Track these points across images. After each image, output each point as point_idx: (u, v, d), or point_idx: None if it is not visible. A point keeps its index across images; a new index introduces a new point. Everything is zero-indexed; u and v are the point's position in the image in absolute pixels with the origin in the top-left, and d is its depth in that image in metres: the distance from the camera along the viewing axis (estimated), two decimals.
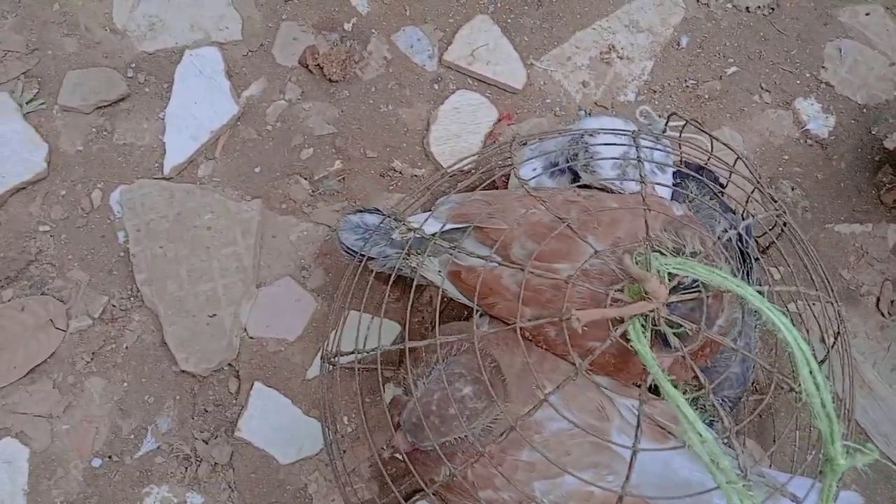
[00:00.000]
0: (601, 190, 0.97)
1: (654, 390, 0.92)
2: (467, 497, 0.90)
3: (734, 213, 1.11)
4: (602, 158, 0.91)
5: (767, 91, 1.33)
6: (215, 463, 1.11)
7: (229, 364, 1.15)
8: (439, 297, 0.92)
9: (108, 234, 1.22)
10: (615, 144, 0.92)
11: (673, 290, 0.74)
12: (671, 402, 0.66)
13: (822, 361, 0.92)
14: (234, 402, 1.14)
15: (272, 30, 1.33)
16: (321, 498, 1.11)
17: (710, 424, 1.01)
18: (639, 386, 0.88)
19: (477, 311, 0.86)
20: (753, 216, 1.00)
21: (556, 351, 0.90)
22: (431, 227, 0.92)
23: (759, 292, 0.73)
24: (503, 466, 0.86)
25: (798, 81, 1.34)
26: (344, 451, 1.12)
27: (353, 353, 0.91)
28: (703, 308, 0.76)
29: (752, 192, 1.01)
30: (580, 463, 0.84)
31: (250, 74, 1.30)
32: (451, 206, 0.93)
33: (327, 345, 0.99)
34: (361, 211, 1.03)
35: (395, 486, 0.91)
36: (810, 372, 0.69)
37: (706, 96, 1.33)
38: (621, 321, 0.72)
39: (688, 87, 1.33)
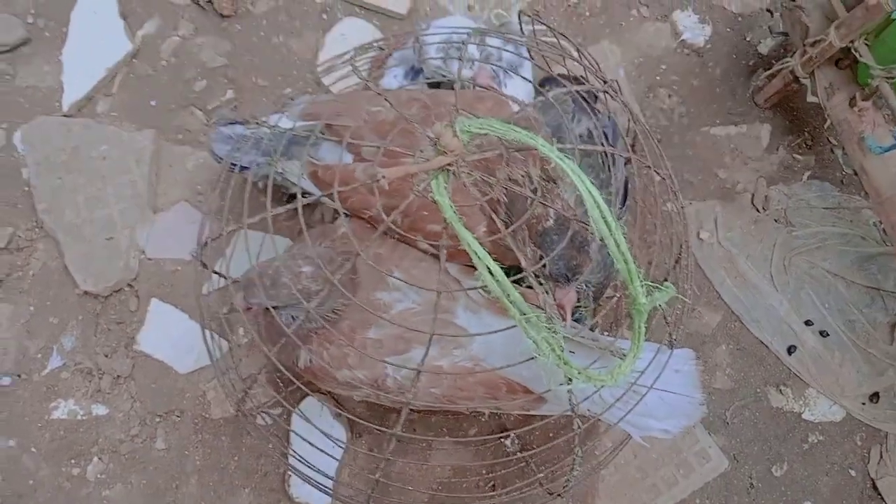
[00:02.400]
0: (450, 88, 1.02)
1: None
2: (330, 380, 0.96)
3: (597, 116, 1.16)
4: (428, 44, 0.96)
5: (646, 6, 1.38)
6: (117, 375, 1.17)
7: (129, 285, 1.21)
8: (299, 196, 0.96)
9: (13, 172, 1.27)
10: (445, 32, 0.96)
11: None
12: (464, 242, 0.71)
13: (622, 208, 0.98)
14: (133, 318, 1.20)
15: None
16: (219, 403, 1.17)
17: (574, 312, 1.07)
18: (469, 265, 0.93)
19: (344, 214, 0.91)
20: (609, 116, 1.06)
21: (406, 239, 0.95)
22: (285, 124, 0.97)
23: (562, 150, 0.78)
24: (355, 343, 0.91)
25: None
26: (240, 360, 1.17)
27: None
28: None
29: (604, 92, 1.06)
30: (425, 338, 0.89)
31: (144, 13, 1.35)
32: (302, 106, 0.98)
33: (208, 258, 1.04)
34: (232, 122, 1.08)
35: (287, 390, 0.97)
36: (601, 214, 0.74)
37: (587, 13, 1.37)
38: None
39: (570, 5, 1.38)
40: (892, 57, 1.01)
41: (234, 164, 1.08)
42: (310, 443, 0.99)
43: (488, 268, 0.70)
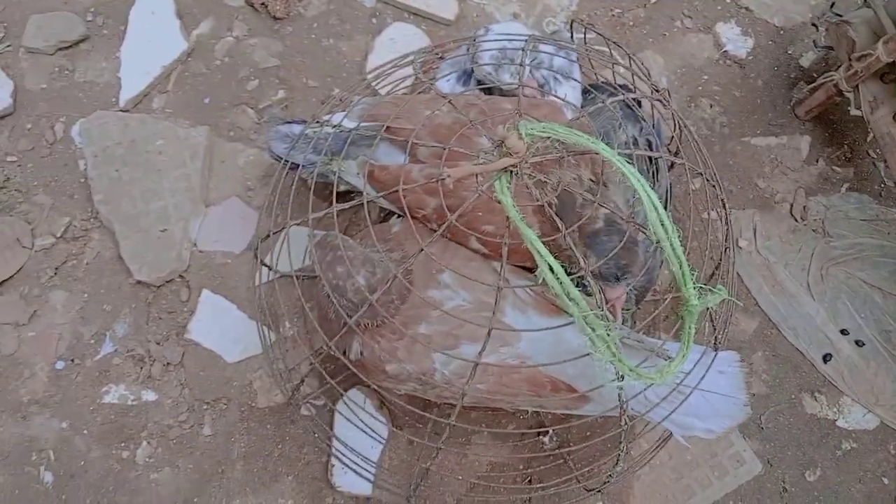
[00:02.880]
0: (503, 94, 1.05)
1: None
2: (379, 374, 0.98)
3: (643, 123, 1.18)
4: (483, 50, 0.99)
5: (689, 17, 1.41)
6: (167, 362, 1.21)
7: (180, 276, 1.25)
8: (366, 202, 0.99)
9: (70, 163, 1.32)
10: (501, 40, 1.00)
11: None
12: (528, 243, 0.74)
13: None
14: (184, 308, 1.24)
15: None
16: (265, 392, 1.20)
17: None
18: (530, 269, 0.96)
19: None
20: (654, 124, 1.08)
21: (458, 238, 0.98)
22: (348, 125, 1.01)
23: (622, 154, 0.81)
24: (404, 340, 0.94)
25: (719, 7, 1.41)
26: (286, 351, 1.21)
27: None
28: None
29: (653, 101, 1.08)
30: (474, 335, 0.92)
31: (200, 14, 1.39)
32: (364, 108, 1.02)
33: (264, 252, 1.07)
34: (289, 122, 1.12)
35: (335, 380, 1.00)
36: (658, 217, 0.77)
37: (631, 23, 1.40)
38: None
39: (614, 15, 1.41)
40: None
41: (290, 162, 1.12)
42: (358, 427, 1.03)
43: (550, 266, 0.73)
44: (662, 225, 0.77)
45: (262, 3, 1.38)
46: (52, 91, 1.36)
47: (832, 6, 1.18)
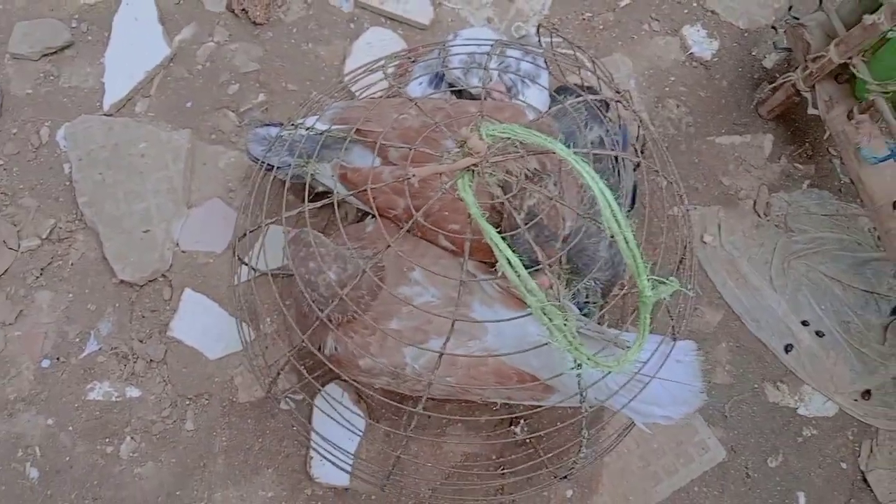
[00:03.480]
0: (471, 98, 1.09)
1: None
2: (354, 368, 1.02)
3: (608, 124, 1.23)
4: (453, 55, 1.03)
5: (657, 20, 1.45)
6: (150, 360, 1.24)
7: (163, 275, 1.29)
8: (335, 201, 1.03)
9: (56, 167, 1.35)
10: (470, 45, 1.04)
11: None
12: (487, 238, 0.78)
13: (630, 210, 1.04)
14: (167, 307, 1.27)
15: None
16: (246, 388, 1.24)
17: (583, 307, 1.13)
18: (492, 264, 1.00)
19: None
20: (620, 125, 1.13)
21: (428, 236, 1.02)
22: (319, 127, 1.04)
23: (577, 153, 0.85)
24: (376, 335, 0.98)
25: (685, 11, 1.46)
26: (266, 348, 1.25)
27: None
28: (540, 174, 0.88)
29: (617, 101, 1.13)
30: (442, 329, 0.96)
31: (182, 20, 1.43)
32: (335, 111, 1.06)
33: (243, 251, 1.11)
34: (267, 124, 1.16)
35: (312, 376, 1.04)
36: (612, 213, 0.81)
37: (600, 27, 1.45)
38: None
39: (584, 19, 1.45)
40: (888, 73, 1.08)
41: (266, 163, 1.16)
42: (335, 420, 1.07)
43: (508, 259, 0.77)
44: (616, 220, 0.81)
45: (243, 9, 1.42)
46: (38, 96, 1.39)
47: (790, 9, 1.22)
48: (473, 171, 0.83)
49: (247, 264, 1.16)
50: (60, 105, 1.38)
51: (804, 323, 1.29)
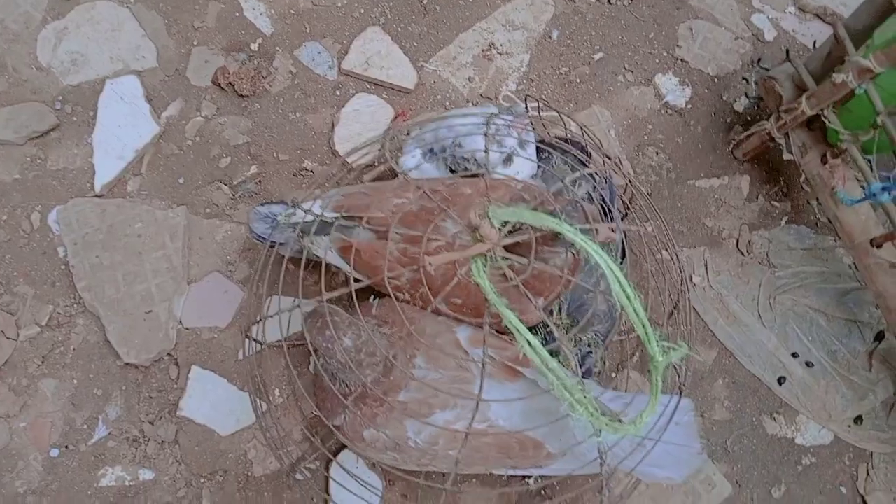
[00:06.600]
0: (465, 177, 1.13)
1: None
2: (358, 440, 1.04)
3: (594, 178, 1.28)
4: (467, 135, 1.07)
5: (630, 71, 1.52)
6: (162, 441, 1.24)
7: (168, 354, 1.29)
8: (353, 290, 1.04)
9: (49, 251, 1.35)
10: (472, 124, 1.08)
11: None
12: (505, 319, 0.81)
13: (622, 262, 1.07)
14: (175, 386, 1.27)
15: (185, 55, 1.47)
16: (260, 461, 1.25)
17: (586, 357, 1.17)
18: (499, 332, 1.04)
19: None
20: (607, 179, 1.18)
21: (428, 305, 1.05)
22: (319, 212, 1.07)
23: (581, 230, 0.90)
24: (383, 407, 1.00)
25: (657, 60, 1.53)
26: (278, 418, 1.26)
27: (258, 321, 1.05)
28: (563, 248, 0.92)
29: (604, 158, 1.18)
30: (446, 404, 0.99)
31: (168, 96, 1.44)
32: (337, 199, 1.09)
33: (251, 327, 1.13)
34: (269, 203, 1.18)
35: (323, 446, 1.05)
36: (621, 287, 0.85)
37: (577, 80, 1.50)
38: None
39: (561, 73, 1.51)
40: (858, 123, 1.14)
41: (265, 238, 1.18)
42: (351, 490, 1.08)
43: (528, 341, 0.81)
44: (625, 294, 0.85)
45: (229, 83, 1.44)
46: (26, 181, 1.38)
47: (759, 62, 1.30)
48: (486, 256, 0.86)
49: (258, 341, 1.17)
50: (50, 188, 1.38)
51: (794, 355, 1.35)
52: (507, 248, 0.91)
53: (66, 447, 1.24)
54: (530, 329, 0.91)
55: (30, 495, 1.21)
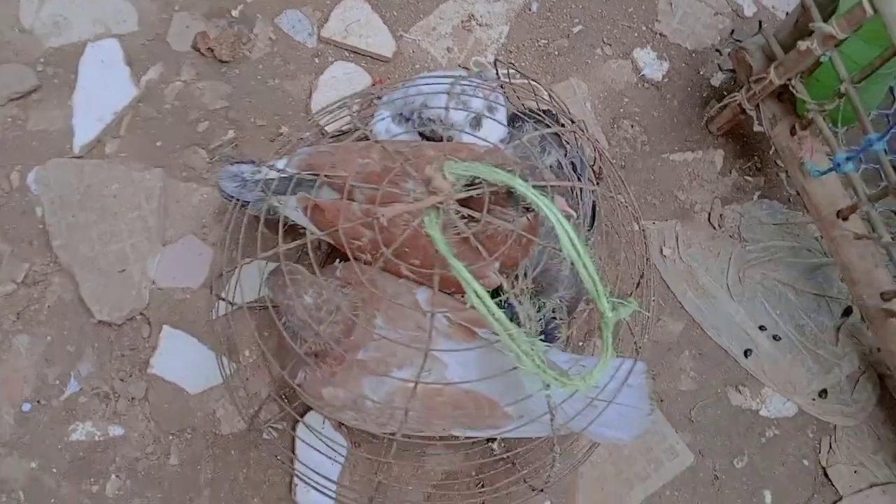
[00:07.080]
0: (428, 139, 1.14)
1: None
2: (317, 399, 1.05)
3: (566, 147, 1.28)
4: (433, 93, 1.08)
5: (609, 44, 1.52)
6: (132, 398, 1.26)
7: (141, 313, 1.31)
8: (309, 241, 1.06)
9: (28, 210, 1.36)
10: (439, 84, 1.09)
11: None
12: (455, 272, 0.82)
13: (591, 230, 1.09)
14: (146, 344, 1.29)
15: (166, 20, 1.49)
16: (228, 420, 1.27)
17: (550, 323, 1.19)
18: (450, 293, 1.05)
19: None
20: (577, 150, 1.19)
21: (390, 268, 1.06)
22: (288, 171, 1.09)
23: (536, 187, 0.90)
24: (342, 365, 1.02)
25: (636, 34, 1.53)
26: (247, 379, 1.28)
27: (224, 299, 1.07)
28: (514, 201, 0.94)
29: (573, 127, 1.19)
30: (402, 362, 1.00)
31: (148, 60, 1.46)
32: (302, 157, 1.10)
33: (217, 285, 1.15)
34: (239, 162, 1.19)
35: (289, 405, 1.07)
36: (570, 242, 0.86)
37: (556, 53, 1.51)
38: None
39: (540, 45, 1.51)
40: (824, 93, 1.15)
41: (234, 197, 1.19)
42: (317, 449, 1.10)
43: (475, 291, 0.82)
44: (574, 247, 0.86)
45: (209, 48, 1.45)
46: (6, 141, 1.40)
47: (732, 33, 1.30)
48: (439, 208, 0.87)
49: (225, 300, 1.19)
50: (30, 149, 1.40)
51: (761, 328, 1.35)
52: (463, 204, 0.92)
53: (38, 402, 1.26)
54: (491, 294, 0.93)
55: (1, 448, 1.23)
